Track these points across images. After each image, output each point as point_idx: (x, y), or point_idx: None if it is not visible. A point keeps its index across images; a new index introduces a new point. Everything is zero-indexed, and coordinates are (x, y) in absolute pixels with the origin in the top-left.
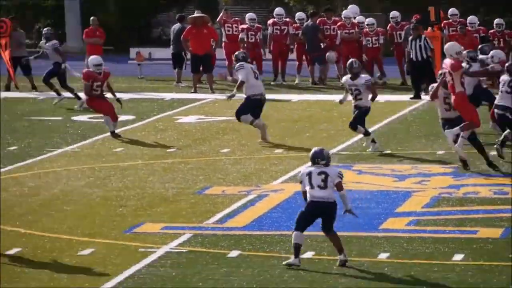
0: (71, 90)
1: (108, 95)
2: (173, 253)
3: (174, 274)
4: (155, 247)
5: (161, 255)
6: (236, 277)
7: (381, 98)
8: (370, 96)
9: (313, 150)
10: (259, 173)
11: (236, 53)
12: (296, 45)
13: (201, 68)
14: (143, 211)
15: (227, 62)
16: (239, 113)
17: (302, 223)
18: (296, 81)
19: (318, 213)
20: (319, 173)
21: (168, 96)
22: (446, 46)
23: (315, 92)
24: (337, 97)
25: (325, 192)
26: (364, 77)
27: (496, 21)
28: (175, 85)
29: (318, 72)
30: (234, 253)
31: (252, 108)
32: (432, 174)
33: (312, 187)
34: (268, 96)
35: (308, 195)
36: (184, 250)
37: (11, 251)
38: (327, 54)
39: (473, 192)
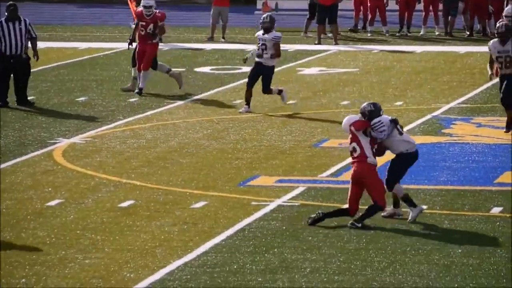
0: None
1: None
2: (286, 206)
3: (284, 228)
4: (268, 200)
5: (273, 208)
6: (346, 231)
7: None
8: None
9: (375, 106)
10: None
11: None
12: None
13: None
14: (258, 164)
15: (354, 12)
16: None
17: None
18: (421, 32)
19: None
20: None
21: (292, 47)
22: None
23: (439, 44)
24: (462, 49)
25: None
26: (274, 33)
27: None
28: (302, 35)
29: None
30: (346, 207)
31: None
32: None
33: (401, 133)
34: (391, 47)
35: (401, 143)
36: (296, 204)
37: (125, 204)
38: None
39: None
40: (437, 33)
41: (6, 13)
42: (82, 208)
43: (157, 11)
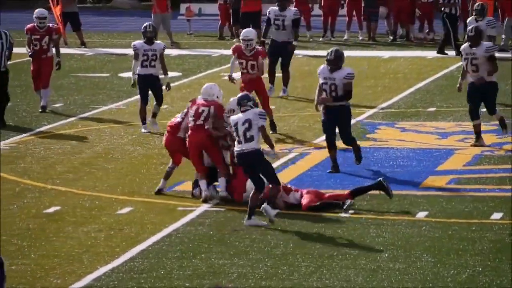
0: None
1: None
2: (212, 211)
3: (211, 233)
4: (194, 205)
5: (200, 213)
6: (273, 236)
7: (429, 54)
8: None
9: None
10: (302, 130)
11: None
12: (347, 0)
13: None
14: (184, 169)
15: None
16: None
17: None
18: (345, 37)
19: None
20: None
21: (216, 52)
22: None
23: (363, 49)
24: (386, 54)
25: None
26: (161, 43)
27: None
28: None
29: (365, 28)
30: (272, 212)
31: None
32: None
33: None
34: (316, 52)
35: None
36: (222, 209)
37: (50, 210)
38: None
39: None
40: (360, 38)
41: None
42: (7, 214)
43: (51, 24)
